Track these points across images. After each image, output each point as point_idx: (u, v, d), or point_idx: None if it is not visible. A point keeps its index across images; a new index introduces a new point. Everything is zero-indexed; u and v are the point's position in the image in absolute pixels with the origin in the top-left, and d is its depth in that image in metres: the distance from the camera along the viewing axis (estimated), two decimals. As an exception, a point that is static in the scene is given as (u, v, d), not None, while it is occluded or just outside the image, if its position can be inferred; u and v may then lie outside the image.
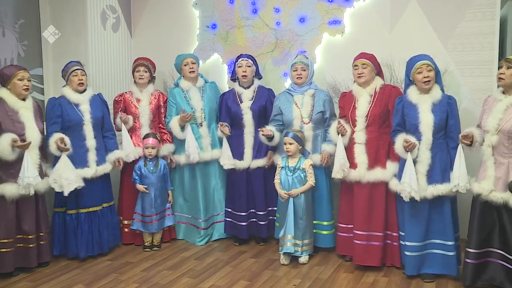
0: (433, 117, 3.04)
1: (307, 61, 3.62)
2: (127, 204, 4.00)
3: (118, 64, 4.58)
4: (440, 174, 3.06)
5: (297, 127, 3.58)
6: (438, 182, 3.05)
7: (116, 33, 4.58)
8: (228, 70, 4.43)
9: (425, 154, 3.06)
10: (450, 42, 3.72)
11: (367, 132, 3.32)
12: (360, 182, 3.30)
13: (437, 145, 3.07)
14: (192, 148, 3.76)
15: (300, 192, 3.43)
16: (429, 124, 3.04)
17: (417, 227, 3.12)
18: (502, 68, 2.88)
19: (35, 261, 3.45)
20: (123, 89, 4.47)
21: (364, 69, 3.31)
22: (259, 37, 4.30)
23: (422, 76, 3.04)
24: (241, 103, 3.78)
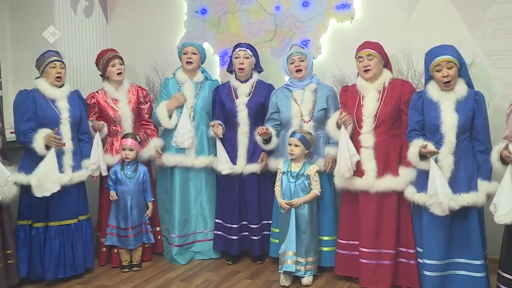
0: (457, 116, 2.93)
1: (304, 51, 3.54)
2: (106, 218, 3.80)
3: (92, 56, 4.37)
4: (466, 181, 2.94)
5: (296, 126, 3.49)
6: (463, 191, 2.91)
7: (89, 19, 4.47)
8: (220, 62, 4.35)
9: (447, 159, 2.94)
10: (479, 29, 3.57)
11: (376, 134, 3.22)
12: (368, 192, 3.19)
13: (461, 148, 2.96)
14: (186, 133, 3.65)
15: (303, 202, 3.33)
16: (453, 125, 2.93)
17: (437, 242, 2.99)
18: None
19: (4, 284, 3.24)
20: (98, 85, 4.26)
21: (370, 61, 3.21)
22: (256, 23, 4.21)
23: (441, 75, 2.94)
24: (237, 99, 3.69)
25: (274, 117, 3.62)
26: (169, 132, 3.84)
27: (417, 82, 3.68)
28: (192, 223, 3.85)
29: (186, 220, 3.82)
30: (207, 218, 3.86)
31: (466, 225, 2.98)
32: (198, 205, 3.85)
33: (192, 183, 3.82)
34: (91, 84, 4.42)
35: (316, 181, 3.37)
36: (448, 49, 2.99)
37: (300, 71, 3.50)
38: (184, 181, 3.80)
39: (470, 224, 2.98)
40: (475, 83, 3.25)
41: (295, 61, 3.49)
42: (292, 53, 3.51)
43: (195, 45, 3.88)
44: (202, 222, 3.87)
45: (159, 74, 4.48)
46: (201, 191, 3.85)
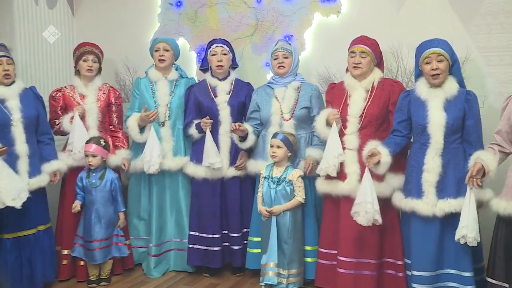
0: (445, 116, 2.92)
1: (290, 47, 3.52)
2: (68, 230, 3.67)
3: (55, 50, 4.32)
4: (454, 186, 2.92)
5: (275, 124, 3.45)
6: (451, 196, 2.90)
7: (52, 10, 4.34)
8: (197, 59, 4.28)
9: (434, 161, 2.92)
10: (473, 23, 3.53)
11: (361, 135, 3.19)
12: (350, 197, 3.13)
13: (450, 150, 2.94)
14: (154, 157, 3.57)
15: (284, 210, 3.29)
16: (440, 125, 2.91)
17: (426, 252, 2.97)
18: None
19: None
20: (63, 82, 4.23)
21: (362, 58, 3.19)
22: (236, 17, 4.15)
23: (430, 68, 2.93)
24: (216, 98, 3.65)
25: (254, 116, 3.59)
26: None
27: (407, 80, 3.64)
28: (168, 230, 3.78)
29: (162, 228, 3.76)
30: (183, 226, 3.78)
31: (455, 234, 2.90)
32: (174, 212, 3.79)
33: (168, 188, 3.76)
34: (55, 81, 4.30)
35: (299, 187, 3.32)
36: (440, 43, 2.98)
37: (282, 67, 3.47)
38: (161, 185, 3.75)
39: None
40: (469, 80, 3.24)
41: (278, 57, 3.48)
42: (277, 49, 3.50)
43: (167, 40, 3.83)
44: (178, 230, 3.80)
45: (130, 72, 4.39)
46: (178, 195, 3.79)
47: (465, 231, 2.76)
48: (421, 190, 2.95)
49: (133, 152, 3.79)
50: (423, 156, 2.96)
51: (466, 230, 2.76)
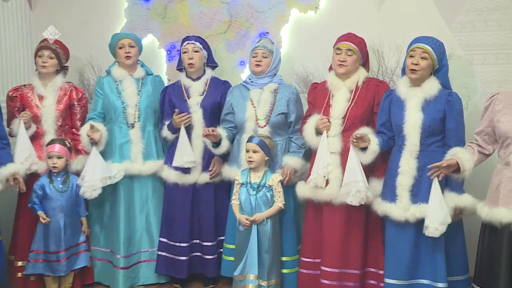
0: (422, 116, 2.91)
1: (271, 46, 3.47)
2: (23, 240, 3.57)
3: (11, 47, 4.18)
4: (429, 191, 2.87)
5: (250, 131, 3.41)
6: (424, 201, 2.87)
7: (7, 3, 4.18)
8: (167, 57, 4.19)
9: (409, 164, 2.93)
10: (456, 20, 3.53)
11: (344, 138, 3.17)
12: (332, 203, 3.13)
13: (428, 154, 2.93)
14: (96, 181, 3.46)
15: (266, 217, 3.24)
16: (416, 125, 2.91)
17: (398, 259, 2.97)
18: None
19: None
20: (22, 81, 4.12)
21: (348, 56, 3.17)
22: (208, 13, 4.07)
23: (411, 62, 2.92)
24: (189, 99, 3.59)
25: (228, 119, 3.54)
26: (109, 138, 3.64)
27: (389, 80, 3.61)
28: (136, 241, 3.69)
29: (131, 237, 3.67)
30: (153, 234, 3.71)
31: (433, 242, 2.92)
32: (143, 219, 3.71)
33: (137, 193, 3.69)
34: (12, 81, 4.17)
35: (279, 192, 3.29)
36: (433, 42, 2.96)
37: (259, 66, 3.43)
38: (129, 191, 3.67)
39: (435, 240, 2.91)
40: (452, 80, 3.20)
41: (257, 55, 3.43)
42: (258, 46, 3.46)
43: (131, 36, 3.75)
44: (148, 239, 3.70)
45: (95, 70, 4.24)
46: (147, 203, 3.71)
47: (427, 221, 2.78)
48: (395, 194, 2.95)
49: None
50: (398, 158, 2.96)
51: (428, 220, 2.78)
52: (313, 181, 3.12)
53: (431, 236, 2.79)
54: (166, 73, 4.13)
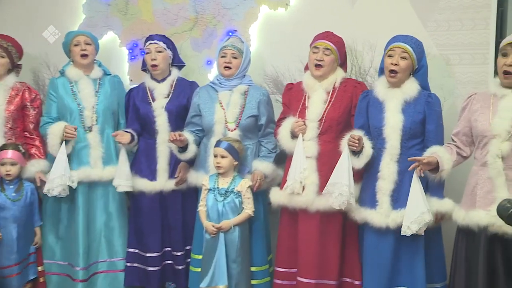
0: (402, 118, 2.92)
1: (241, 45, 3.42)
2: None
3: None
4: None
5: (219, 134, 3.36)
6: (405, 206, 2.87)
7: None
8: (129, 56, 4.12)
9: (389, 168, 2.93)
10: (431, 19, 3.53)
11: (320, 142, 3.15)
12: (307, 210, 3.11)
13: (408, 157, 2.89)
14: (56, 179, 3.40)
15: (234, 225, 3.20)
16: (396, 128, 2.92)
17: (378, 268, 2.96)
18: (508, 57, 2.68)
19: None
20: None
21: (326, 56, 3.16)
22: (172, 9, 4.03)
23: (390, 62, 2.93)
24: (153, 102, 3.55)
25: (195, 121, 3.48)
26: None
27: (362, 81, 3.56)
28: (94, 250, 3.61)
29: (90, 247, 3.59)
30: (114, 242, 3.64)
31: (412, 248, 2.93)
32: (103, 227, 3.64)
33: (97, 200, 3.62)
34: None
35: (248, 199, 3.25)
36: (412, 41, 2.97)
37: (228, 68, 3.38)
38: (88, 198, 3.59)
39: (416, 247, 2.93)
40: (429, 80, 3.18)
41: (226, 55, 3.38)
42: (227, 45, 3.40)
43: (87, 33, 3.69)
44: (107, 248, 3.64)
45: (51, 70, 4.14)
46: (108, 209, 3.64)
47: (403, 219, 2.79)
48: (375, 199, 2.94)
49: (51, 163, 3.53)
50: (378, 162, 2.94)
51: (404, 219, 2.79)
52: (289, 188, 3.10)
53: (403, 234, 2.79)
54: (128, 73, 4.07)
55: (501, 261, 2.65)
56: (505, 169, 2.67)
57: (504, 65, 2.66)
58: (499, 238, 2.61)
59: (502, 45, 2.73)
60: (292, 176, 3.10)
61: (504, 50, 2.69)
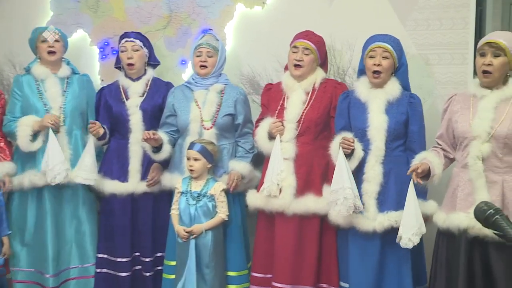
0: (387, 119, 2.93)
1: (216, 43, 3.41)
2: None
3: None
4: (396, 198, 2.91)
5: (194, 133, 3.33)
6: (391, 209, 2.89)
7: None
8: (100, 55, 4.07)
9: (374, 170, 2.93)
10: (410, 18, 3.53)
11: (298, 143, 3.15)
12: (284, 213, 3.11)
13: (392, 158, 2.94)
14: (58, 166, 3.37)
15: (206, 229, 3.18)
16: (381, 129, 2.92)
17: (365, 274, 2.96)
18: (486, 57, 2.68)
19: None
20: None
21: (305, 56, 3.16)
22: (145, 7, 3.99)
23: (372, 63, 2.93)
24: (127, 100, 3.52)
25: (170, 122, 3.45)
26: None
27: (341, 81, 3.55)
28: (65, 256, 3.56)
29: (60, 252, 3.53)
30: (86, 247, 3.59)
31: (397, 251, 2.92)
32: (73, 232, 3.58)
33: (66, 204, 3.55)
34: None
35: (222, 203, 3.23)
36: (391, 40, 2.98)
37: (204, 68, 3.36)
38: (56, 202, 3.52)
39: (401, 251, 2.90)
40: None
41: (202, 54, 3.36)
42: (201, 44, 3.38)
43: (55, 30, 3.61)
44: (78, 253, 3.58)
45: (16, 68, 4.02)
46: (78, 213, 3.58)
47: (401, 231, 2.75)
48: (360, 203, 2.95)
49: (18, 165, 3.50)
50: (363, 164, 2.92)
51: (402, 229, 2.76)
52: (266, 190, 3.08)
53: (405, 247, 2.76)
54: (99, 72, 4.02)
55: (479, 264, 2.64)
56: (486, 171, 2.67)
57: (483, 64, 2.65)
58: (479, 241, 2.59)
59: (480, 45, 2.72)
60: (269, 178, 3.08)
61: (482, 50, 2.68)
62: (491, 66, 2.63)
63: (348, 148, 2.86)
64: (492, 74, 2.64)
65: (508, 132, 2.62)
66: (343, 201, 2.85)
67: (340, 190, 2.85)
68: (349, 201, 2.83)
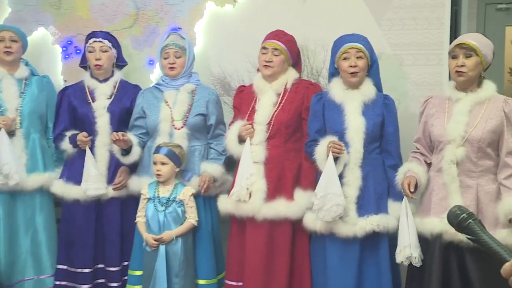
0: (364, 121, 2.92)
1: (183, 43, 3.37)
2: None
3: None
4: (375, 202, 2.92)
5: (164, 134, 3.29)
6: (371, 213, 2.89)
7: None
8: (62, 54, 3.99)
9: (353, 173, 2.92)
10: (385, 17, 3.52)
11: (268, 146, 3.12)
12: (255, 219, 3.08)
13: (370, 161, 2.94)
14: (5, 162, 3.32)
15: (176, 236, 3.13)
16: (359, 131, 2.91)
17: (345, 279, 2.93)
18: (458, 59, 2.69)
19: None
20: None
21: (275, 56, 3.14)
22: (111, 4, 3.93)
23: (348, 65, 2.92)
24: (94, 102, 3.47)
25: (139, 124, 3.41)
26: None
27: (315, 82, 3.52)
28: (19, 267, 3.47)
29: (13, 264, 3.44)
30: (42, 258, 3.51)
31: (376, 255, 2.94)
32: (29, 241, 3.49)
33: (21, 211, 3.49)
34: None
35: (191, 208, 3.18)
36: (361, 39, 2.98)
37: (173, 69, 3.33)
38: (10, 209, 3.45)
39: (380, 254, 2.94)
40: (383, 82, 3.19)
41: (169, 55, 3.32)
42: (168, 45, 3.34)
43: (13, 29, 3.55)
44: (33, 264, 3.49)
45: None
46: (34, 221, 3.50)
47: (409, 251, 2.70)
48: None
49: None
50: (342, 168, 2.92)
51: (409, 249, 2.71)
52: (235, 195, 3.05)
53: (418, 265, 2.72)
54: (61, 73, 3.94)
55: (456, 270, 2.64)
56: (460, 175, 2.67)
57: (456, 66, 2.66)
58: (454, 246, 2.58)
59: (451, 47, 2.73)
60: (239, 183, 3.06)
61: (453, 52, 2.69)
62: (464, 67, 2.64)
63: (339, 152, 2.83)
64: (466, 74, 2.65)
65: (482, 136, 2.63)
66: (334, 207, 2.82)
67: (330, 196, 2.83)
68: (340, 208, 2.81)
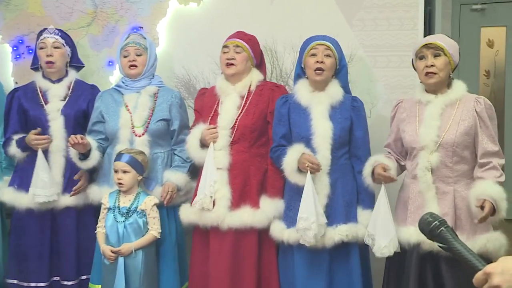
0: (331, 125, 2.89)
1: (144, 42, 3.33)
2: None
3: None
4: (343, 210, 2.89)
5: (124, 141, 3.23)
6: (340, 222, 2.86)
7: None
8: (12, 54, 3.89)
9: (321, 181, 2.88)
10: (357, 17, 3.52)
11: (232, 151, 3.09)
12: (219, 228, 3.04)
13: (338, 167, 2.91)
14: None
15: (136, 249, 3.06)
16: (327, 136, 2.88)
17: None
18: (426, 59, 2.68)
19: None
20: None
21: (237, 54, 3.11)
22: (66, 1, 3.85)
23: (315, 60, 2.89)
24: (47, 104, 3.39)
25: (97, 129, 3.34)
26: None
27: (284, 84, 3.50)
28: None
29: None
30: None
31: (347, 266, 2.92)
32: None
33: None
34: None
35: (154, 219, 3.11)
36: (330, 39, 2.97)
37: (134, 67, 3.28)
38: None
39: (351, 264, 2.92)
40: (354, 85, 3.23)
41: (130, 53, 3.28)
42: (128, 43, 3.30)
43: None
44: None
45: None
46: None
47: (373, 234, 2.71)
48: None
49: None
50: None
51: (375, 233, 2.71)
52: (199, 203, 3.00)
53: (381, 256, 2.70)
54: (12, 74, 3.83)
55: (431, 279, 2.63)
56: (436, 182, 2.66)
57: (426, 67, 2.65)
58: (432, 255, 2.56)
59: (417, 48, 2.71)
60: (202, 190, 3.02)
61: (421, 53, 2.68)
62: (434, 67, 2.63)
63: (316, 171, 2.78)
64: (437, 75, 2.64)
65: (456, 139, 2.62)
66: (320, 228, 2.79)
67: (311, 217, 2.77)
68: (323, 228, 2.78)
